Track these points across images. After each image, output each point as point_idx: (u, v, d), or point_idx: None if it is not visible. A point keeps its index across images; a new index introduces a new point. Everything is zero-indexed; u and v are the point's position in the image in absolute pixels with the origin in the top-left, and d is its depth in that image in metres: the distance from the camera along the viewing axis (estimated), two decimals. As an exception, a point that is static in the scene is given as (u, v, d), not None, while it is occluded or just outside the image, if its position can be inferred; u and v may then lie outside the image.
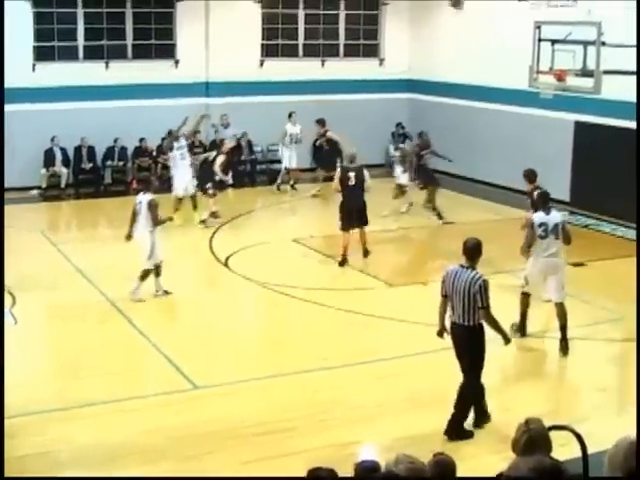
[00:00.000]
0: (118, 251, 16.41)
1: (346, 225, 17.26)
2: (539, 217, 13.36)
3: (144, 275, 14.95)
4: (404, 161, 21.26)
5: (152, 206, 14.87)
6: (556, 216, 13.54)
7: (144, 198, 15.01)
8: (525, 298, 13.44)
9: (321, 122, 23.84)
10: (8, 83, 18.97)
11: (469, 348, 10.24)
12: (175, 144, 20.45)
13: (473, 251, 10.31)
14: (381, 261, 17.55)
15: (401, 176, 21.09)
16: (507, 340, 10.67)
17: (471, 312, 10.09)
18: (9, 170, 21.17)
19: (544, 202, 13.58)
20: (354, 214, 17.21)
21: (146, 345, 13.06)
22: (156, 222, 14.94)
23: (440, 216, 20.36)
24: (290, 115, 24.02)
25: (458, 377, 10.45)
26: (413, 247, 18.91)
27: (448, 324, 10.47)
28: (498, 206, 22.40)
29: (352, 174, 17.23)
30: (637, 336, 12.69)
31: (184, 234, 19.68)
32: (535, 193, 14.64)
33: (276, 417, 10.72)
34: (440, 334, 10.60)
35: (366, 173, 17.38)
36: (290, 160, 24.12)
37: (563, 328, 13.06)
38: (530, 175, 15.63)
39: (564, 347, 12.94)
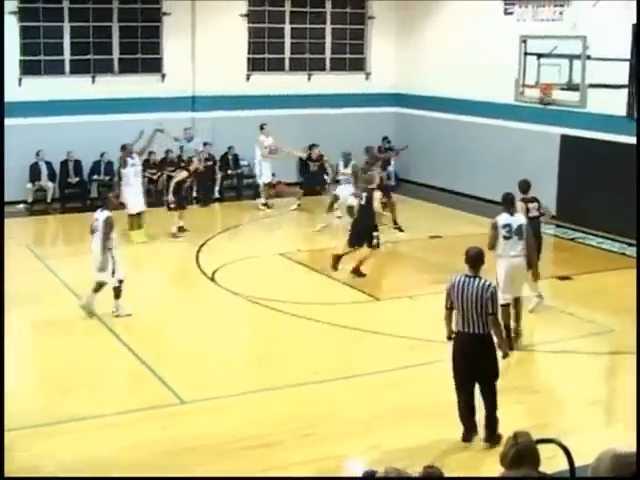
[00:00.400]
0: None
1: (351, 242, 17.47)
2: (503, 218, 13.89)
3: (116, 293, 14.75)
4: (356, 180, 20.94)
5: (107, 224, 14.59)
6: (520, 218, 14.02)
7: (101, 215, 14.76)
8: (505, 309, 13.44)
9: (316, 146, 23.77)
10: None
11: (485, 355, 10.29)
12: (129, 160, 20.17)
13: (476, 259, 10.42)
14: (368, 275, 17.53)
15: (349, 197, 20.53)
16: (506, 354, 10.94)
17: (483, 319, 10.19)
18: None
19: (507, 203, 14.02)
20: (359, 233, 17.36)
21: (133, 360, 13.01)
22: (105, 240, 14.55)
23: (400, 229, 20.85)
24: (262, 127, 23.66)
25: (447, 389, 10.45)
26: (400, 261, 18.92)
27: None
28: (485, 220, 22.33)
29: (364, 194, 17.47)
30: (637, 348, 12.70)
31: (170, 248, 19.70)
32: (521, 203, 15.11)
33: (265, 431, 10.68)
34: (450, 337, 10.59)
35: (376, 195, 17.52)
36: (269, 175, 23.87)
37: (517, 318, 13.75)
38: (523, 185, 15.92)
39: (516, 338, 13.62)
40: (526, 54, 19.06)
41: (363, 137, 25.29)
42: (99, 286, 14.76)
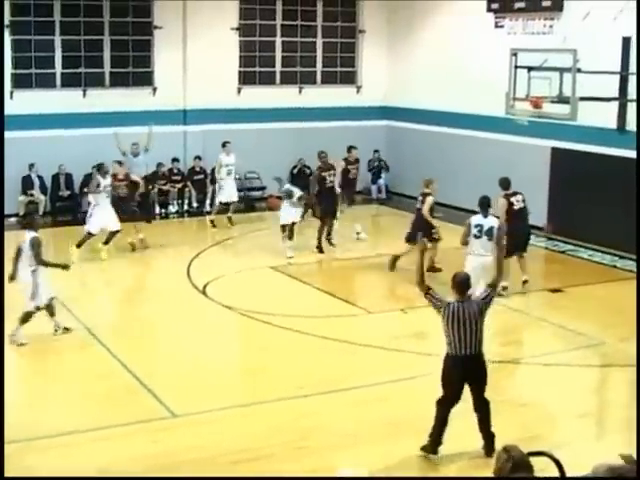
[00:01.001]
0: (96, 279, 16.41)
1: (408, 239, 17.91)
2: (476, 219, 15.09)
3: (25, 318, 14.21)
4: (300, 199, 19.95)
5: (34, 244, 14.27)
6: (493, 220, 15.02)
7: (27, 236, 14.41)
8: None
9: (354, 148, 22.14)
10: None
11: (481, 373, 10.30)
12: (102, 181, 19.53)
13: (463, 284, 10.32)
14: (360, 288, 17.54)
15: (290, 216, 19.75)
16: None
17: (481, 340, 10.18)
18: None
19: (482, 205, 15.18)
20: (415, 230, 17.54)
21: (124, 373, 12.98)
22: (39, 260, 14.29)
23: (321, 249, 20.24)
24: (224, 145, 22.99)
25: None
26: (391, 274, 18.90)
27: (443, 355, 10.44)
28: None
29: (420, 198, 18.18)
30: (637, 360, 12.71)
31: (162, 261, 19.68)
32: (502, 200, 16.44)
33: (256, 444, 10.67)
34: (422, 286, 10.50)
35: (428, 200, 17.92)
36: (230, 194, 23.17)
37: None
38: (503, 183, 17.07)
39: None
40: (516, 67, 19.08)
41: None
42: (49, 308, 14.38)
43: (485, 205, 15.18)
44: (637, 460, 5.34)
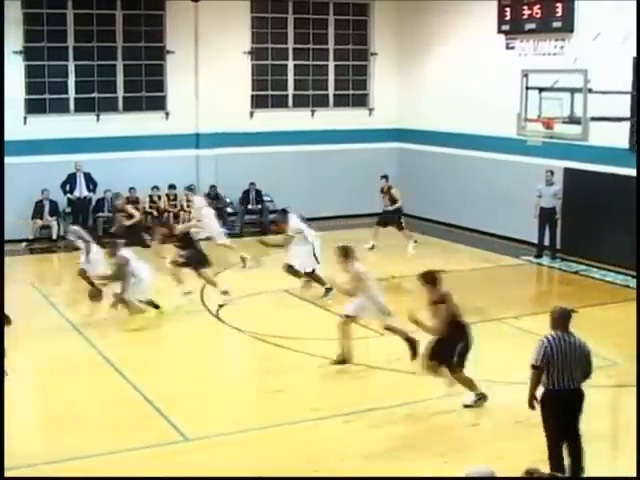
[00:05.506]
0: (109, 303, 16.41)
1: None
2: None
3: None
4: None
5: None
6: None
7: None
8: None
9: (386, 177, 23.13)
10: (-1, 135, 18.99)
11: (580, 411, 10.07)
12: None
13: (565, 318, 10.36)
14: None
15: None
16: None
17: (580, 375, 10.02)
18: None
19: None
20: None
21: (137, 397, 12.99)
22: None
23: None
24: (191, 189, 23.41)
25: (450, 426, 10.41)
26: (404, 296, 18.88)
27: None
28: (488, 254, 22.46)
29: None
30: (637, 379, 12.66)
31: (175, 284, 19.67)
32: None
33: (267, 468, 10.64)
34: (532, 404, 10.18)
35: None
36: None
37: None
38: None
39: None
40: (527, 88, 19.15)
41: (366, 172, 25.45)
42: None
43: None
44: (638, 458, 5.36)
